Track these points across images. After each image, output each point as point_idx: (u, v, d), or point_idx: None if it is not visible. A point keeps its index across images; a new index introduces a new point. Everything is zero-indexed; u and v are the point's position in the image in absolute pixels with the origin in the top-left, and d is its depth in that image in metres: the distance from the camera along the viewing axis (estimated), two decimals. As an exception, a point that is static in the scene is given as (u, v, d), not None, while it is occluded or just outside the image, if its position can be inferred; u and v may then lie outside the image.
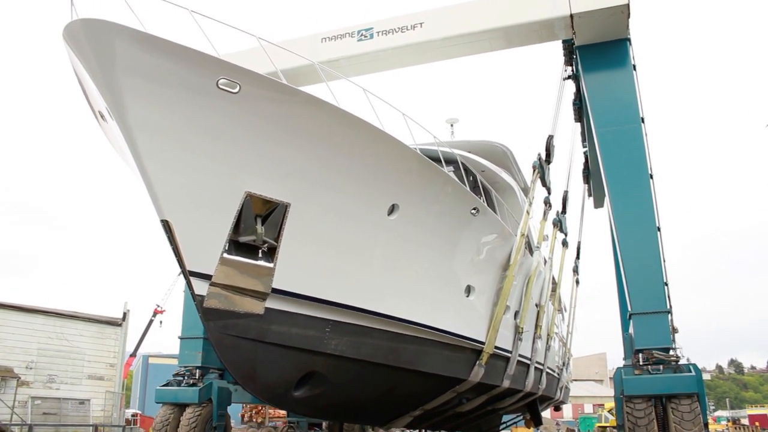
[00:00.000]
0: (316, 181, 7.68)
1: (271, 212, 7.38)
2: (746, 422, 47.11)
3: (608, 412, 38.51)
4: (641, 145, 12.21)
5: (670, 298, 11.34)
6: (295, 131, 7.31)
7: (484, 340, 10.84)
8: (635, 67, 12.95)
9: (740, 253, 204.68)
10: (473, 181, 11.99)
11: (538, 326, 13.86)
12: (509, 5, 13.18)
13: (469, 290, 10.54)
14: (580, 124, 17.19)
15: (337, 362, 8.50)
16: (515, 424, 23.11)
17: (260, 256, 7.39)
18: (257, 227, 7.26)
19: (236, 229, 7.16)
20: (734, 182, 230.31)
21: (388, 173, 8.31)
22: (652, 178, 12.01)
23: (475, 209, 9.93)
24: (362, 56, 14.22)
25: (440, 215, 9.42)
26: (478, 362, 10.82)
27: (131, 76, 6.25)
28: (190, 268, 6.95)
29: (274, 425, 23.99)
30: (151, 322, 41.81)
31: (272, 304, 7.56)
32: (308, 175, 7.59)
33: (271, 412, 26.47)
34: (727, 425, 46.00)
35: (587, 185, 20.79)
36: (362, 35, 14.05)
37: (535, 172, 12.94)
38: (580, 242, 21.61)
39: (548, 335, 15.37)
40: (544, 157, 13.45)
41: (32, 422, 19.53)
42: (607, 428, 34.07)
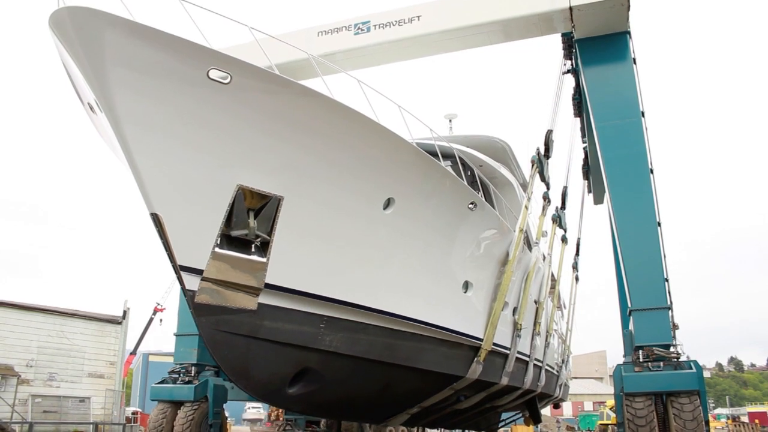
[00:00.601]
0: (309, 174, 7.54)
1: (263, 206, 7.24)
2: (746, 420, 46.98)
3: (610, 409, 38.40)
4: (641, 139, 12.14)
5: (670, 293, 11.24)
6: (288, 123, 7.17)
7: (481, 336, 10.71)
8: (635, 60, 12.87)
9: (740, 250, 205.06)
10: (471, 175, 11.86)
11: (537, 323, 13.76)
12: (507, -3, 13.07)
13: (466, 286, 10.40)
14: (579, 119, 17.11)
15: (331, 359, 8.37)
16: (514, 421, 23.06)
17: (253, 250, 7.25)
18: (250, 221, 7.12)
19: (228, 223, 7.03)
20: (736, 179, 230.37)
21: (383, 166, 8.17)
22: (652, 172, 11.95)
23: (472, 204, 9.78)
24: (359, 50, 14.13)
25: (437, 210, 9.28)
26: (475, 359, 10.70)
27: (120, 66, 6.11)
28: (180, 262, 6.81)
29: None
30: (151, 320, 41.71)
31: (265, 299, 7.42)
32: (302, 168, 7.45)
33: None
34: (726, 423, 45.88)
35: (587, 181, 20.71)
36: (359, 29, 13.93)
37: (533, 166, 12.80)
38: (579, 239, 21.53)
39: (547, 332, 15.28)
40: (543, 151, 13.33)
41: (33, 420, 19.49)
42: (609, 426, 33.99)
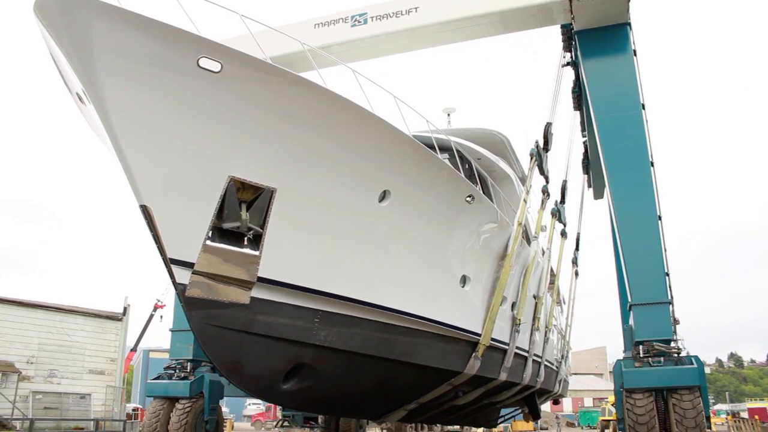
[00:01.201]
0: (303, 165, 7.39)
1: (256, 198, 7.09)
2: (746, 416, 46.92)
3: (612, 405, 38.40)
4: (642, 132, 12.01)
5: (671, 288, 11.11)
6: (280, 113, 7.03)
7: (480, 331, 10.58)
8: (636, 52, 12.72)
9: (740, 246, 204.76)
10: (469, 168, 11.72)
11: (536, 318, 13.64)
12: (506, -12, 12.92)
13: (464, 280, 10.26)
14: (579, 112, 16.96)
15: (326, 354, 8.23)
16: (513, 417, 22.99)
17: (245, 243, 7.09)
18: (242, 213, 6.97)
19: (220, 215, 6.88)
20: (738, 175, 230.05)
21: (379, 158, 8.02)
22: (652, 165, 11.82)
23: (470, 197, 9.64)
24: (356, 42, 13.99)
25: (434, 202, 9.13)
26: (474, 354, 10.57)
27: (108, 55, 5.97)
28: (171, 255, 6.67)
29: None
30: (151, 316, 41.59)
31: (258, 293, 7.28)
32: (295, 159, 7.31)
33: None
34: (726, 419, 45.89)
35: (587, 176, 20.57)
36: (356, 20, 13.78)
37: (532, 159, 12.65)
38: (579, 233, 21.37)
39: (546, 327, 15.16)
40: (542, 145, 13.19)
41: (33, 416, 19.50)
42: (610, 422, 33.99)
